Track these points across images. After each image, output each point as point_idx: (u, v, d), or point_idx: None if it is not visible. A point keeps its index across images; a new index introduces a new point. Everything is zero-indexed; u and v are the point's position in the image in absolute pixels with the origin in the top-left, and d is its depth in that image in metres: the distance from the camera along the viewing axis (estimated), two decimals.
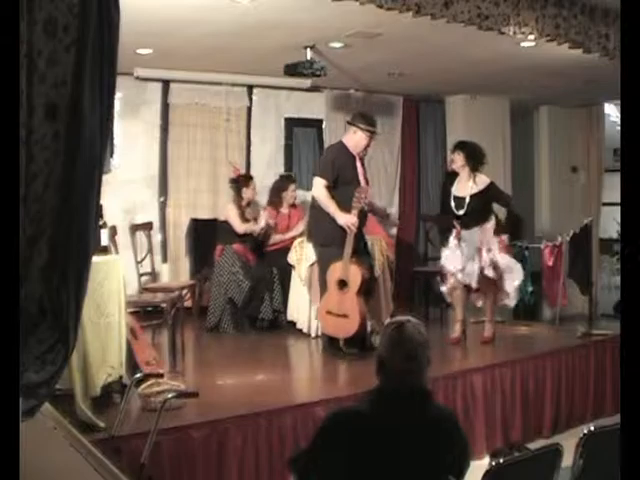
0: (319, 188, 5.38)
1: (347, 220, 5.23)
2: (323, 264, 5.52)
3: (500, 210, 6.07)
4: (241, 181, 6.79)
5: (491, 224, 5.77)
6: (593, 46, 5.51)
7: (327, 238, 5.42)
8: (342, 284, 5.28)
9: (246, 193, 6.71)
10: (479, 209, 5.72)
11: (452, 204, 5.77)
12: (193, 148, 7.53)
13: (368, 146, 5.54)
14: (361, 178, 5.48)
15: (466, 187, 5.74)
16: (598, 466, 2.66)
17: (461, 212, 5.72)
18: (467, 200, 5.69)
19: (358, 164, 5.50)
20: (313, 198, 5.62)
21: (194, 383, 4.56)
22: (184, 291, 6.02)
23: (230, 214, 6.61)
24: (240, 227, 6.51)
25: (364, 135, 5.47)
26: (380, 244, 6.36)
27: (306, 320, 6.28)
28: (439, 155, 9.01)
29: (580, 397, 5.70)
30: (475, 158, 5.79)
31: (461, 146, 5.91)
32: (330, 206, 5.31)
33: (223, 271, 6.45)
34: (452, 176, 5.89)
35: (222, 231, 6.64)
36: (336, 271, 5.29)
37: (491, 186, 5.79)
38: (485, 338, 5.99)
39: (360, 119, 5.54)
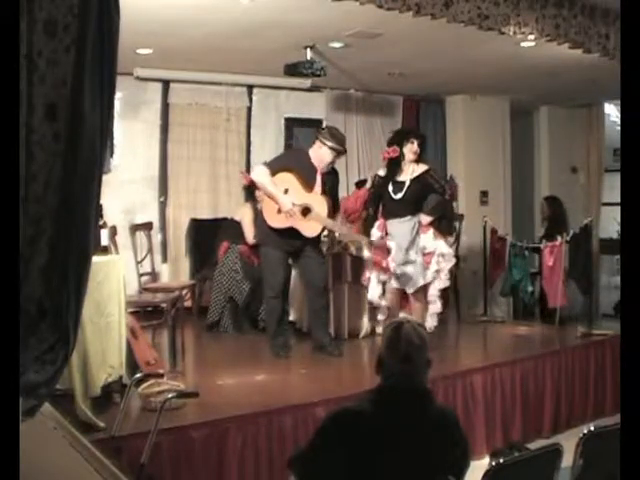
0: (263, 173, 5.30)
1: (286, 204, 5.20)
2: (262, 265, 5.58)
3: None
4: (253, 184, 6.70)
5: (426, 219, 5.51)
6: (593, 46, 5.51)
7: (263, 237, 5.49)
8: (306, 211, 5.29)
9: (259, 196, 6.64)
10: (417, 195, 5.48)
11: (390, 189, 5.50)
12: (193, 148, 7.53)
13: (332, 163, 5.40)
14: (318, 190, 5.35)
15: (407, 172, 5.53)
16: (598, 466, 2.66)
17: (399, 195, 5.46)
18: (407, 184, 5.47)
19: (318, 177, 5.35)
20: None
21: (194, 383, 4.56)
22: (184, 291, 6.01)
23: (245, 221, 6.52)
24: (251, 240, 6.36)
25: (329, 152, 5.32)
26: None
27: (306, 320, 6.28)
28: (439, 155, 9.00)
29: (580, 397, 5.70)
30: (424, 146, 5.67)
31: (416, 135, 5.71)
32: (273, 190, 5.24)
33: (225, 269, 6.44)
34: (393, 164, 5.57)
35: (232, 229, 6.58)
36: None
37: (429, 170, 5.58)
38: None
39: (328, 136, 5.37)
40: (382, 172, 5.64)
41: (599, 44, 5.52)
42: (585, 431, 2.66)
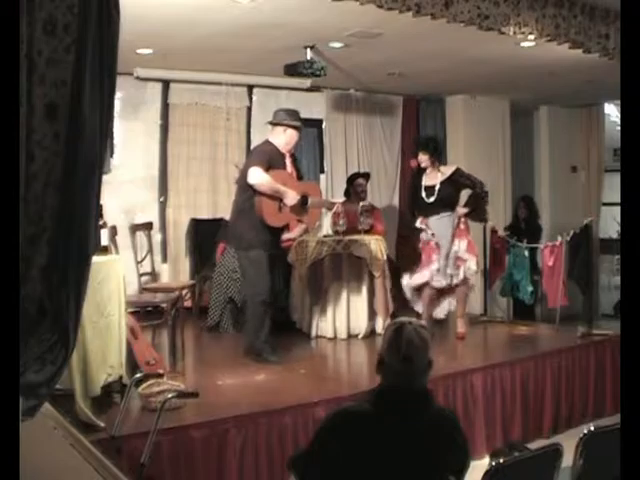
0: (259, 174, 5.06)
1: (294, 199, 5.20)
2: (248, 269, 5.28)
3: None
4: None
5: (462, 210, 6.09)
6: (593, 46, 5.50)
7: (250, 242, 5.19)
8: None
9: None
10: (449, 195, 6.00)
11: (423, 194, 6.02)
12: (193, 148, 7.53)
13: (297, 141, 5.41)
14: (294, 174, 5.42)
15: (435, 177, 6.03)
16: (598, 466, 2.66)
17: (432, 199, 5.97)
18: (437, 187, 5.98)
19: (288, 162, 5.39)
20: (236, 203, 5.42)
21: (194, 383, 4.56)
22: (184, 291, 6.01)
23: None
24: None
25: (294, 132, 5.31)
26: (380, 244, 6.36)
27: (306, 320, 6.29)
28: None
29: (580, 397, 5.70)
30: (437, 153, 6.14)
31: (423, 146, 6.13)
32: (278, 187, 5.13)
33: (223, 270, 6.45)
34: (420, 171, 6.12)
35: (226, 230, 6.59)
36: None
37: (457, 171, 6.12)
38: (460, 334, 6.19)
39: (287, 116, 5.34)
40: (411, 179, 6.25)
41: (599, 44, 5.51)
42: (585, 431, 2.66)
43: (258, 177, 5.09)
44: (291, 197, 5.18)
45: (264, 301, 5.19)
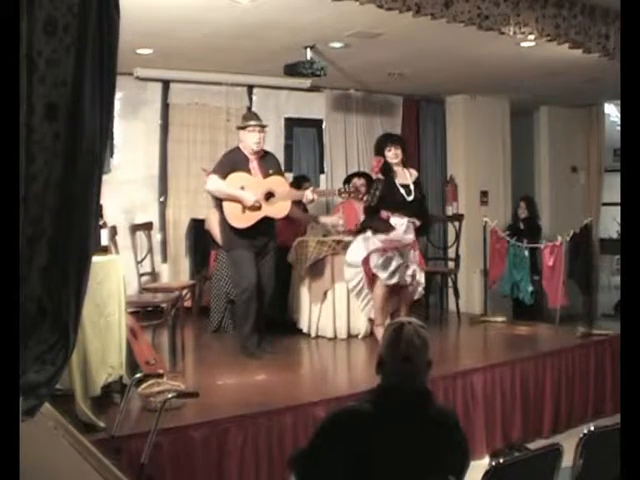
0: (214, 181, 5.40)
1: (249, 198, 5.34)
2: (232, 268, 5.76)
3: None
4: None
5: (417, 222, 5.81)
6: (593, 46, 5.50)
7: (229, 242, 5.56)
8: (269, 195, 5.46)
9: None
10: (420, 198, 5.82)
11: (402, 191, 5.68)
12: (193, 148, 7.54)
13: (259, 141, 5.51)
14: (259, 174, 5.51)
15: (406, 176, 5.79)
16: (598, 466, 2.66)
17: (410, 198, 5.70)
18: (412, 187, 5.75)
19: (252, 165, 5.51)
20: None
21: (194, 383, 4.56)
22: (184, 291, 6.02)
23: (213, 227, 6.53)
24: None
25: (247, 132, 5.50)
26: None
27: (306, 320, 6.29)
28: (439, 155, 9.01)
29: (580, 397, 5.70)
30: (406, 151, 5.91)
31: (396, 141, 5.91)
32: (230, 190, 5.36)
33: (221, 275, 6.46)
34: (386, 171, 5.78)
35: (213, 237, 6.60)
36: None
37: (418, 177, 5.93)
38: None
39: (241, 120, 5.67)
40: (381, 176, 5.77)
41: (599, 44, 5.51)
42: (585, 431, 2.66)
43: (210, 184, 5.48)
44: (246, 198, 5.35)
45: (246, 299, 5.42)
